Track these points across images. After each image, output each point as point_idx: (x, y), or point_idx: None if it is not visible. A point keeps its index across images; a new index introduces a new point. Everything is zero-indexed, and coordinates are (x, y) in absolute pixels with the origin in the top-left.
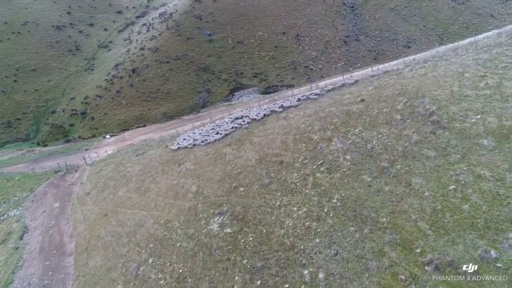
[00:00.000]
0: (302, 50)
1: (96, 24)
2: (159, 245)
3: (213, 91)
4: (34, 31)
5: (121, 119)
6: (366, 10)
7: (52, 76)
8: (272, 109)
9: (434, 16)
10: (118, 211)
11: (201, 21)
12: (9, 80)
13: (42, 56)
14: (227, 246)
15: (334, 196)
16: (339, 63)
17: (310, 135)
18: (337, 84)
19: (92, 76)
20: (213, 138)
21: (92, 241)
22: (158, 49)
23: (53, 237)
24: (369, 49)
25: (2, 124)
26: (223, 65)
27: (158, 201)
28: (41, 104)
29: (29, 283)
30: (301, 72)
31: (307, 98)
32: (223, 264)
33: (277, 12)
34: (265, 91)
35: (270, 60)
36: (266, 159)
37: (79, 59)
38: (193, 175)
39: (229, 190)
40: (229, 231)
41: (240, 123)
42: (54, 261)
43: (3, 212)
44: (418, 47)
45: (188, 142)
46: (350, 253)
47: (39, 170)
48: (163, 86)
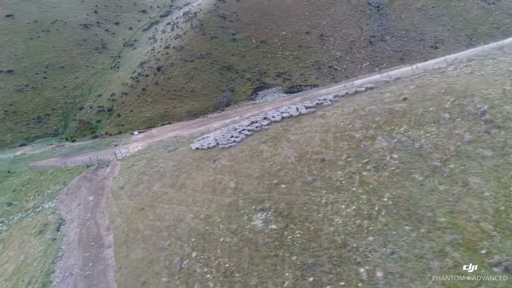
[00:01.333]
0: (326, 50)
1: (121, 23)
2: (201, 239)
3: (236, 90)
4: (63, 29)
5: (146, 116)
6: (392, 10)
7: (80, 73)
8: (306, 107)
9: (463, 16)
10: (155, 205)
11: (225, 21)
12: (39, 77)
13: (70, 53)
14: (273, 242)
15: (384, 195)
16: (364, 63)
17: (351, 133)
18: (374, 83)
19: (118, 74)
20: (243, 135)
21: (130, 234)
22: (182, 47)
23: (90, 229)
24: (395, 49)
25: (33, 119)
26: (246, 64)
27: (195, 196)
28: (69, 101)
29: (71, 273)
30: (325, 72)
31: (343, 96)
32: (271, 260)
33: (301, 11)
34: (289, 91)
35: (294, 59)
36: (306, 157)
37: (105, 57)
38: (229, 171)
39: (270, 186)
40: (274, 227)
41: (273, 121)
42: (94, 253)
43: (38, 204)
44: (446, 47)
45: (219, 140)
46: (408, 253)
47: (71, 164)
48: (187, 85)
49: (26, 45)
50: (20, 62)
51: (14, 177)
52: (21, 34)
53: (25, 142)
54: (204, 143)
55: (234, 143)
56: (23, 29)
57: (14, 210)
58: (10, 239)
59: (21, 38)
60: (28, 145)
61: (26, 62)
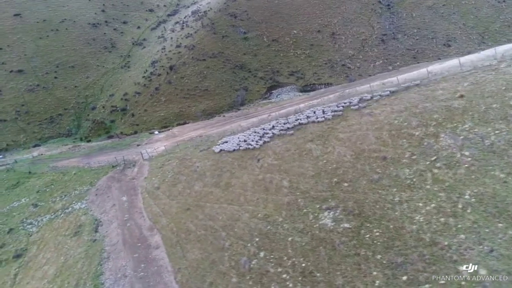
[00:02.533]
0: (339, 48)
1: (129, 22)
2: (266, 239)
3: (250, 89)
4: (72, 29)
5: (161, 115)
6: (403, 8)
7: (90, 73)
8: (348, 105)
9: (474, 14)
10: (202, 205)
11: (236, 19)
12: (49, 77)
13: (79, 53)
14: (350, 241)
15: (465, 192)
16: (377, 61)
17: (409, 131)
18: (420, 80)
19: (129, 73)
20: (283, 133)
21: (181, 234)
22: (194, 46)
23: (132, 230)
24: (408, 47)
25: (45, 120)
26: (258, 63)
27: (247, 195)
28: (81, 101)
29: (124, 274)
30: (338, 71)
31: (387, 95)
32: (352, 259)
33: (311, 10)
34: (303, 89)
35: (306, 58)
36: (364, 155)
37: (115, 56)
38: (279, 170)
39: (330, 185)
40: (347, 226)
41: (313, 120)
42: (142, 254)
43: (67, 205)
44: (459, 45)
45: (252, 138)
46: (509, 250)
47: (95, 164)
48: (200, 84)
49: (35, 44)
50: (30, 61)
51: (36, 178)
52: (30, 34)
53: (39, 143)
54: (238, 142)
55: (273, 141)
56: (32, 28)
57: (41, 212)
58: (43, 240)
59: (30, 37)
60: (42, 145)
61: (36, 62)
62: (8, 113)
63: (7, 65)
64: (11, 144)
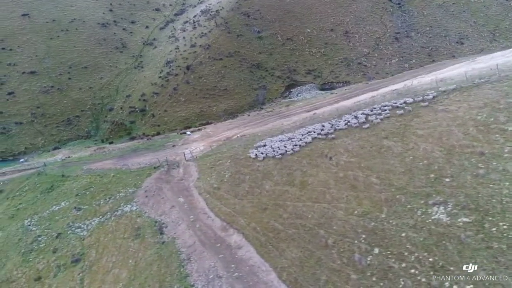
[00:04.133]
0: (353, 47)
1: (137, 21)
2: (374, 235)
3: (268, 88)
4: (82, 29)
5: (182, 116)
6: (414, 7)
7: (104, 73)
8: (413, 101)
9: (484, 13)
10: (281, 204)
11: (249, 18)
12: (63, 78)
13: (91, 53)
14: (476, 235)
15: None
16: (393, 59)
17: (500, 126)
18: (487, 78)
19: (143, 74)
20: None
21: (268, 233)
22: (210, 46)
23: (204, 231)
24: (422, 45)
25: (62, 122)
26: (275, 62)
27: (332, 193)
28: (97, 102)
29: (217, 275)
30: (355, 69)
31: (452, 90)
32: (485, 252)
33: (323, 9)
34: (322, 88)
35: (322, 57)
36: (455, 151)
37: (127, 56)
38: (360, 168)
39: (429, 181)
40: (467, 220)
41: (380, 117)
42: (227, 254)
43: (116, 208)
44: (471, 43)
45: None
46: None
47: (133, 166)
48: (219, 83)
49: (46, 45)
50: (42, 62)
51: (71, 181)
52: (40, 34)
53: (58, 145)
54: (298, 140)
55: (341, 139)
56: (41, 29)
57: (87, 215)
58: (100, 244)
59: (41, 37)
60: (62, 148)
61: (48, 63)
62: (23, 115)
63: (19, 66)
64: (29, 147)
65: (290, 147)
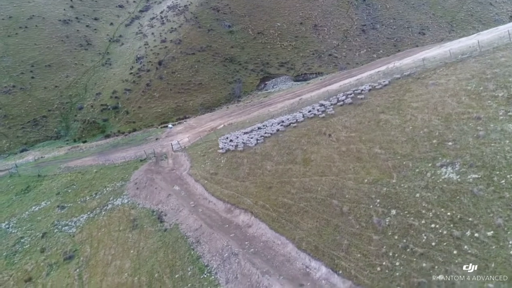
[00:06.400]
0: (323, 39)
1: (100, 18)
2: (388, 199)
3: (243, 81)
4: (42, 26)
5: (157, 111)
6: (377, 1)
7: (69, 71)
8: (401, 76)
9: (441, 5)
10: (286, 181)
11: (219, 13)
12: (25, 77)
13: (54, 51)
14: (487, 188)
15: None
16: (361, 50)
17: (490, 93)
18: (469, 53)
19: (112, 71)
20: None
21: (279, 209)
22: (181, 41)
23: (207, 214)
24: (387, 36)
25: (28, 123)
26: (247, 56)
27: (338, 166)
28: (65, 101)
29: (233, 253)
30: (326, 60)
31: (438, 66)
32: (499, 201)
33: (292, 3)
34: (296, 79)
35: (293, 49)
36: (452, 118)
37: (93, 53)
38: (361, 141)
39: (433, 146)
40: (476, 176)
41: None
42: (238, 233)
43: (105, 203)
44: (432, 33)
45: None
46: None
47: (118, 160)
48: (193, 78)
49: (4, 42)
50: (1, 61)
51: (49, 180)
52: None
53: (26, 147)
54: (288, 121)
55: (336, 117)
56: None
57: (73, 212)
58: (94, 239)
59: None
60: (30, 149)
61: (8, 62)
62: None
63: None
64: None
65: (283, 127)
